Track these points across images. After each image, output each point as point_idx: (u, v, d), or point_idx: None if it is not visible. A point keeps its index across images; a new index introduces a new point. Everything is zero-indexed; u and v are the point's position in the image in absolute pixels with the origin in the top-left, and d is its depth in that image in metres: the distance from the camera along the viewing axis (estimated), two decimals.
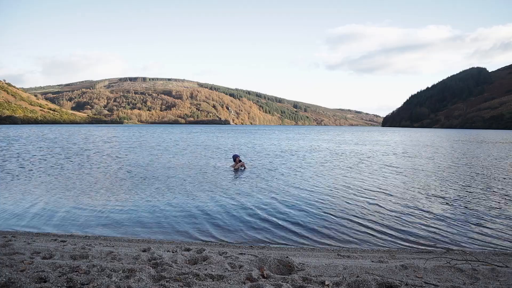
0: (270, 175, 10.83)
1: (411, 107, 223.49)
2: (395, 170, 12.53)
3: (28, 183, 8.89)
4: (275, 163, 14.23)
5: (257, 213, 6.26)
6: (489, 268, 3.21)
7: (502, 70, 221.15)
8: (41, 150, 18.73)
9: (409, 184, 9.55)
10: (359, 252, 4.44)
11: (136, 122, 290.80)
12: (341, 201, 7.29)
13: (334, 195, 7.88)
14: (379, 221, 5.82)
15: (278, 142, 31.49)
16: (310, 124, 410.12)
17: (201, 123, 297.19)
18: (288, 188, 8.70)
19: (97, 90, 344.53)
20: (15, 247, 3.71)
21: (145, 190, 8.14)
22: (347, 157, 17.69)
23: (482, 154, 19.54)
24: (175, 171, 11.42)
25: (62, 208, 6.45)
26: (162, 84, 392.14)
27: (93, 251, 3.63)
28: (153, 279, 2.73)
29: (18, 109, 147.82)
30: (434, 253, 4.35)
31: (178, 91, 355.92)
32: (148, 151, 19.71)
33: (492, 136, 55.34)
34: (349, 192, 8.24)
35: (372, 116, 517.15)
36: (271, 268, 3.16)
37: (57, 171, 11.06)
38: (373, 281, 2.72)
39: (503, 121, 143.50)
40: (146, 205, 6.71)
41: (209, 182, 9.42)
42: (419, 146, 27.50)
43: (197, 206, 6.71)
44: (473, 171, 12.21)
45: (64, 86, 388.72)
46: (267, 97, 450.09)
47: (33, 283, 2.50)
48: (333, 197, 7.72)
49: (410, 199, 7.52)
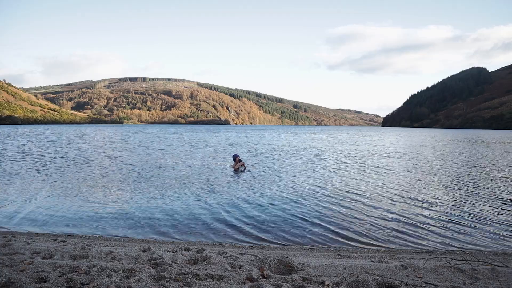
0: (270, 175, 10.83)
1: (411, 107, 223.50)
2: (394, 170, 12.53)
3: (28, 183, 8.89)
4: (275, 163, 14.23)
5: (257, 213, 6.26)
6: (489, 268, 3.21)
7: (502, 70, 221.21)
8: (41, 150, 18.73)
9: (408, 184, 9.55)
10: (359, 252, 4.44)
11: (136, 122, 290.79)
12: (340, 202, 7.29)
13: (334, 195, 7.88)
14: (379, 221, 5.81)
15: (277, 141, 31.49)
16: (310, 124, 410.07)
17: (201, 123, 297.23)
18: (288, 188, 8.69)
19: (97, 90, 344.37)
20: (15, 247, 3.71)
21: (145, 190, 8.14)
22: (345, 158, 17.68)
23: (480, 154, 19.54)
24: (174, 171, 11.42)
25: (62, 208, 6.45)
26: (162, 84, 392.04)
27: (93, 251, 3.63)
28: (153, 279, 2.73)
29: (18, 109, 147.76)
30: (434, 253, 4.35)
31: (178, 91, 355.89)
32: (148, 151, 19.71)
33: (491, 136, 55.33)
34: (349, 192, 8.24)
35: (372, 116, 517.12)
36: (271, 268, 3.16)
37: (56, 171, 11.06)
38: (373, 281, 2.71)
39: (503, 121, 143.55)
40: (146, 205, 6.71)
41: (209, 182, 9.42)
42: (418, 146, 27.50)
43: (197, 206, 6.71)
44: (473, 171, 12.21)
45: (64, 86, 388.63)
46: (267, 97, 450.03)
47: (33, 283, 2.50)
48: (333, 197, 7.72)
49: (410, 199, 7.52)
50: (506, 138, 46.49)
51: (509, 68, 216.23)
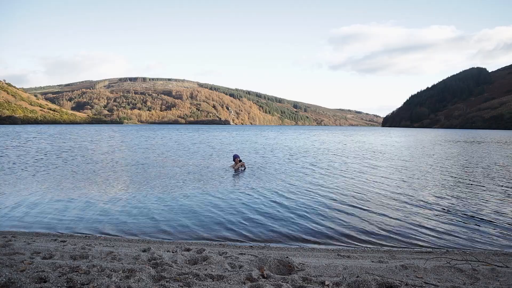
0: (270, 175, 10.83)
1: (411, 107, 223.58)
2: (393, 171, 12.53)
3: (27, 183, 8.88)
4: (275, 163, 14.23)
5: (257, 213, 6.26)
6: (489, 268, 3.21)
7: (502, 70, 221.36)
8: (40, 150, 18.72)
9: (408, 184, 9.55)
10: (359, 252, 4.43)
11: (136, 122, 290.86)
12: (340, 202, 7.29)
13: (333, 196, 7.88)
14: (379, 221, 5.81)
15: (277, 141, 31.49)
16: (310, 124, 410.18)
17: (201, 123, 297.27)
18: (288, 188, 8.69)
19: (97, 90, 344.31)
20: (15, 247, 3.71)
21: (145, 191, 8.14)
22: (350, 158, 17.68)
23: (480, 155, 19.53)
24: (174, 171, 11.42)
25: (62, 208, 6.44)
26: (162, 84, 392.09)
27: (93, 251, 3.63)
28: (153, 279, 2.73)
29: (18, 109, 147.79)
30: (434, 253, 4.35)
31: (178, 91, 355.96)
32: (148, 151, 19.70)
33: (491, 136, 55.31)
34: (348, 193, 8.24)
35: (372, 116, 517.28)
36: (271, 268, 3.16)
37: (56, 171, 11.05)
38: (373, 281, 2.71)
39: (503, 121, 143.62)
40: (146, 205, 6.71)
41: (209, 182, 9.42)
42: (417, 147, 27.49)
43: (197, 206, 6.71)
44: (473, 171, 12.21)
45: (64, 86, 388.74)
46: (267, 97, 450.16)
47: (33, 283, 2.50)
48: (333, 197, 7.72)
49: (410, 199, 7.52)
50: (506, 138, 46.47)
51: (509, 68, 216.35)
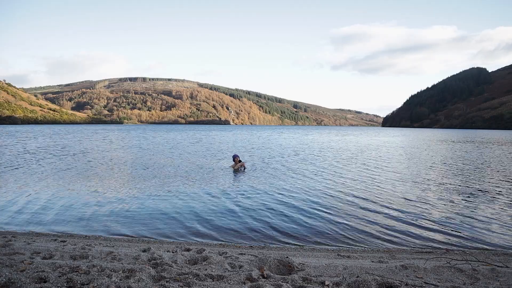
0: (270, 175, 10.83)
1: (411, 107, 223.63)
2: (393, 171, 12.53)
3: (27, 183, 8.89)
4: (275, 163, 14.23)
5: (257, 213, 6.26)
6: (489, 268, 3.21)
7: (502, 70, 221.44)
8: (40, 150, 18.72)
9: (408, 184, 9.55)
10: (359, 252, 4.43)
11: (136, 122, 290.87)
12: (340, 202, 7.29)
13: (333, 196, 7.88)
14: (379, 221, 5.81)
15: (276, 141, 31.49)
16: (310, 124, 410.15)
17: (201, 123, 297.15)
18: (288, 188, 8.69)
19: (97, 90, 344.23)
20: (15, 247, 3.71)
21: (145, 190, 8.14)
22: (345, 158, 17.68)
23: (480, 155, 19.53)
24: (174, 171, 11.42)
25: (62, 208, 6.44)
26: (162, 84, 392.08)
27: (93, 251, 3.62)
28: (153, 279, 2.73)
29: (18, 109, 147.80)
30: (434, 253, 4.35)
31: (178, 91, 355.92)
32: (148, 151, 19.70)
33: (491, 136, 55.31)
34: (348, 193, 8.24)
35: (372, 116, 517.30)
36: (271, 268, 3.16)
37: (56, 171, 11.05)
38: (373, 281, 2.71)
39: (503, 121, 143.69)
40: (146, 205, 6.71)
41: (209, 182, 9.42)
42: (417, 147, 27.48)
43: (197, 206, 6.71)
44: (473, 172, 12.21)
45: (64, 86, 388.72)
46: (267, 97, 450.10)
47: (33, 283, 2.50)
48: (333, 197, 7.72)
49: (410, 199, 7.51)
50: (506, 138, 46.47)
51: (509, 68, 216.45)
